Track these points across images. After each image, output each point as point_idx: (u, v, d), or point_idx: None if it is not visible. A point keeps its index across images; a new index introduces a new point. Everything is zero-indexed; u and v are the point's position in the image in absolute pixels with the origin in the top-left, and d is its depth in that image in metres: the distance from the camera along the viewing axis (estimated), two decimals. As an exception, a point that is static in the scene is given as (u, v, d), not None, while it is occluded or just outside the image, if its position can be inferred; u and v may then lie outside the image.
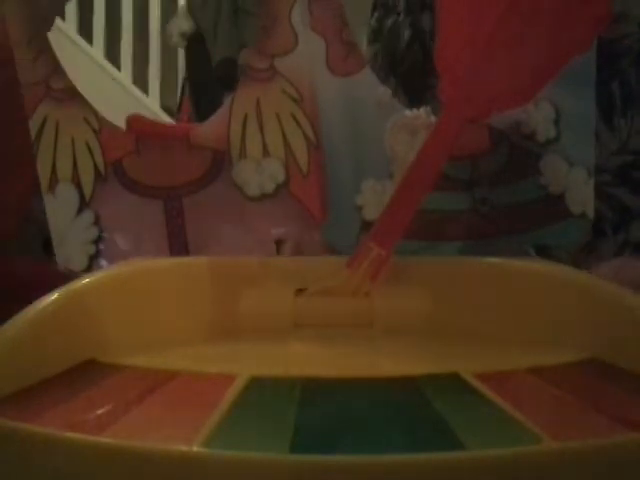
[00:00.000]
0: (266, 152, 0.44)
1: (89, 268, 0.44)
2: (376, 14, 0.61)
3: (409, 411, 0.24)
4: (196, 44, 1.73)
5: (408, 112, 0.46)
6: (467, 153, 0.47)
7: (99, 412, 0.24)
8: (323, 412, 0.24)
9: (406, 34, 0.57)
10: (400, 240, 0.39)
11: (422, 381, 0.26)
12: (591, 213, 0.48)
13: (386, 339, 0.35)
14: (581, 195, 0.48)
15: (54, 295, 0.31)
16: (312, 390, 0.25)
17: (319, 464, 0.19)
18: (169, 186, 0.45)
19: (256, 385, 0.25)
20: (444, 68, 0.38)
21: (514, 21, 0.39)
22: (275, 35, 0.44)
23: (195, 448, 0.20)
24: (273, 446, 0.20)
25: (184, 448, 0.20)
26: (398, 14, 0.58)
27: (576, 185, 0.48)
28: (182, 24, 1.74)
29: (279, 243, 0.46)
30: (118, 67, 2.53)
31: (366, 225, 0.46)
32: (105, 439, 0.21)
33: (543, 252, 0.47)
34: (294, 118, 0.45)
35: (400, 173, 0.43)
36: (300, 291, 0.38)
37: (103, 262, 0.44)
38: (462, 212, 0.48)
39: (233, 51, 1.59)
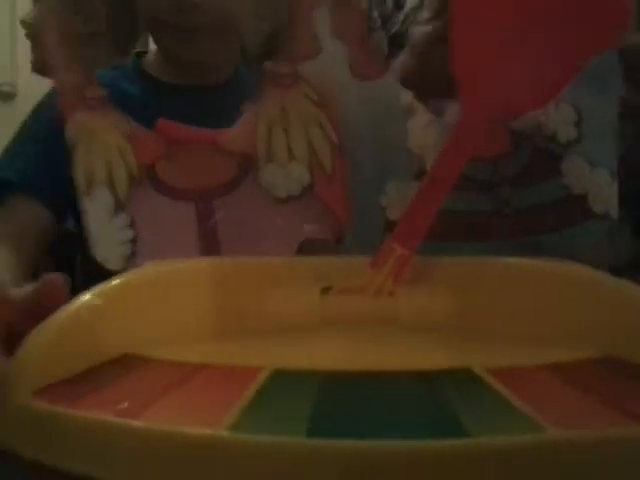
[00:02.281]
0: (291, 155, 0.46)
1: (125, 267, 0.45)
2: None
3: (420, 401, 0.25)
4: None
5: None
6: (489, 155, 0.48)
7: (133, 399, 0.25)
8: (340, 401, 0.25)
9: None
10: (422, 241, 0.40)
11: (436, 375, 0.27)
12: (615, 213, 0.49)
13: (406, 336, 0.36)
14: (604, 195, 0.48)
15: (91, 294, 0.33)
16: (331, 382, 0.27)
17: (332, 448, 0.20)
18: (200, 189, 0.47)
19: (279, 377, 0.27)
20: (461, 72, 0.39)
21: (531, 24, 0.39)
22: (298, 41, 0.46)
23: (220, 432, 0.21)
24: (291, 430, 0.22)
25: (211, 432, 0.21)
26: None
27: (599, 186, 0.48)
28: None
29: (306, 243, 0.48)
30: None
31: (390, 225, 0.47)
32: (139, 423, 0.22)
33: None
34: (318, 122, 0.46)
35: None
36: (326, 290, 0.40)
37: (138, 262, 0.46)
38: (485, 213, 0.48)
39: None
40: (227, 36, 0.60)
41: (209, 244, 0.47)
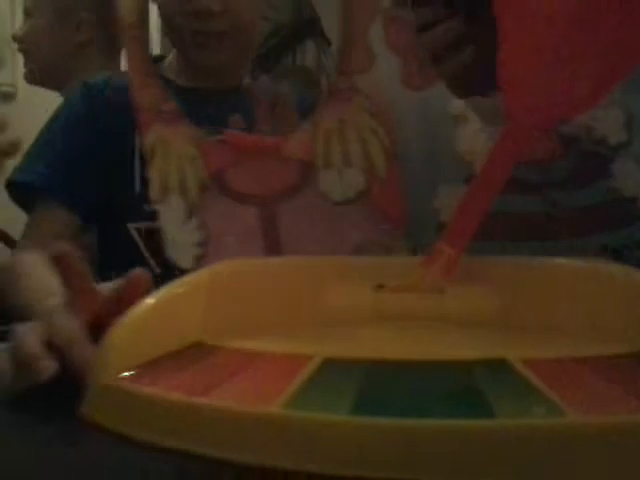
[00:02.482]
0: (348, 162, 0.49)
1: (195, 267, 0.50)
2: None
3: (456, 386, 0.28)
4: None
5: None
6: (538, 157, 0.50)
7: (202, 382, 0.29)
8: (383, 386, 0.28)
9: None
10: (470, 241, 0.42)
11: (473, 364, 0.30)
12: (665, 216, 0.49)
13: (451, 331, 0.39)
14: None
15: (168, 289, 0.37)
16: (376, 369, 0.30)
17: (370, 424, 0.23)
18: (264, 194, 0.51)
19: (329, 364, 0.30)
20: (507, 79, 0.40)
21: (578, 31, 0.40)
22: (354, 55, 0.49)
23: (275, 409, 0.25)
24: (336, 409, 0.25)
25: (267, 409, 0.25)
26: None
27: (650, 188, 0.49)
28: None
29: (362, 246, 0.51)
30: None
31: (442, 227, 0.49)
32: (205, 401, 0.26)
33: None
34: (373, 131, 0.49)
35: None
36: (379, 287, 0.42)
37: (207, 261, 0.50)
38: (534, 215, 0.50)
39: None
40: (242, 40, 0.64)
41: (272, 245, 0.51)
